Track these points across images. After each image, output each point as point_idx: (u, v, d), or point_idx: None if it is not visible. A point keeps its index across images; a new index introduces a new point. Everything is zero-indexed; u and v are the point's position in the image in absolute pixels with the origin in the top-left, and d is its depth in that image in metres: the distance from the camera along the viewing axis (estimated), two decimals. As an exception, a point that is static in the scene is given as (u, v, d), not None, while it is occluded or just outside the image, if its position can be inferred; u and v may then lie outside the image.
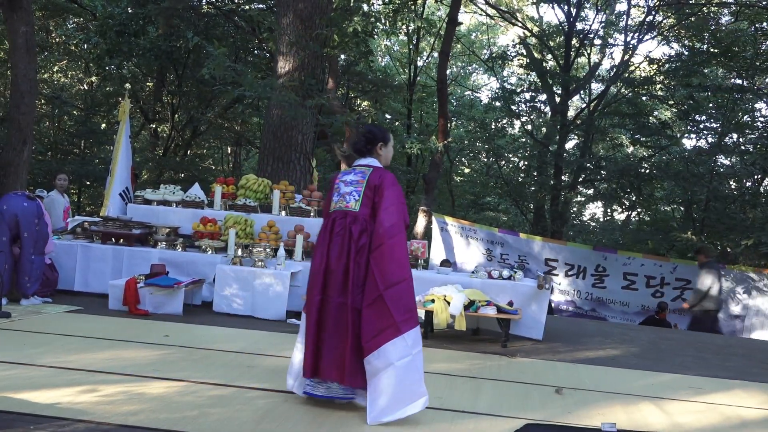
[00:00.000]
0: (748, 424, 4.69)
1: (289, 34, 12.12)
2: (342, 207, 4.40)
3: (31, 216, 7.40)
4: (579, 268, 13.03)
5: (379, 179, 4.37)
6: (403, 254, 4.26)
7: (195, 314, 7.57)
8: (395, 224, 4.26)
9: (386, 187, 4.33)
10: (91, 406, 3.98)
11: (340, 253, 4.28)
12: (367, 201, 4.35)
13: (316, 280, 4.35)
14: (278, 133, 12.13)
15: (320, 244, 4.42)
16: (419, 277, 7.83)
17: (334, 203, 4.48)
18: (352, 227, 4.31)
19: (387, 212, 4.27)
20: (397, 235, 4.25)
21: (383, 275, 4.15)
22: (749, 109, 18.17)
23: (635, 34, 19.19)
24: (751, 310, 12.35)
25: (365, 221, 4.32)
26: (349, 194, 4.41)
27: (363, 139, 4.66)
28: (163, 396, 4.31)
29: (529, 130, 21.71)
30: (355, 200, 4.37)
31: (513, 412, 4.53)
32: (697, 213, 18.03)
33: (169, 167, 18.20)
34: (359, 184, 4.41)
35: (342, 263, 4.27)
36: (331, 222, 4.41)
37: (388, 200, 4.30)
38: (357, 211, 4.33)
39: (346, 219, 4.35)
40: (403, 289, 4.18)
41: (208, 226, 8.66)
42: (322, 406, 4.30)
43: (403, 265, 4.24)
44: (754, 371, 6.85)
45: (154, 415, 3.90)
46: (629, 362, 6.72)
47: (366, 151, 4.63)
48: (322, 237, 4.44)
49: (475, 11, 23.55)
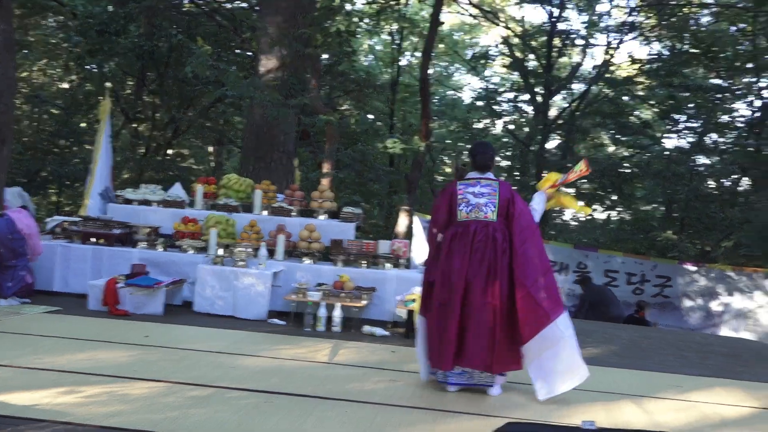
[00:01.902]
0: (728, 423, 4.73)
1: (271, 34, 12.07)
2: (480, 217, 4.98)
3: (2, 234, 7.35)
4: (561, 264, 13.11)
5: (510, 192, 5.08)
6: (541, 251, 5.01)
7: (176, 314, 7.53)
8: (533, 228, 5.06)
9: (518, 199, 5.06)
10: (71, 408, 3.95)
11: (482, 258, 4.89)
12: (502, 211, 4.98)
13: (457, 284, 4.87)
14: (260, 133, 12.07)
15: (459, 251, 4.93)
16: (401, 277, 7.87)
17: (465, 213, 5.02)
18: (496, 234, 4.92)
19: (524, 218, 5.02)
20: (535, 237, 5.03)
21: (527, 272, 4.85)
22: (729, 109, 18.32)
23: (616, 34, 19.31)
24: (730, 308, 12.47)
25: (503, 229, 4.95)
26: (484, 206, 5.00)
27: (491, 154, 5.29)
28: (144, 397, 4.29)
29: (511, 129, 21.77)
30: (492, 211, 4.98)
31: (493, 411, 4.55)
32: (677, 212, 18.17)
33: (150, 167, 18.04)
34: (492, 196, 5.03)
35: (485, 266, 4.87)
36: (471, 231, 4.95)
37: (522, 208, 5.04)
38: (496, 221, 4.96)
39: (488, 228, 4.94)
40: (549, 281, 4.92)
41: (189, 225, 8.62)
42: (303, 406, 4.30)
43: (544, 260, 5.00)
44: (734, 369, 6.91)
45: (135, 416, 3.88)
46: (610, 361, 6.76)
47: (489, 166, 5.23)
48: (459, 244, 4.96)
49: (458, 11, 23.57)
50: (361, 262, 8.18)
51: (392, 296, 7.71)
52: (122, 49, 15.36)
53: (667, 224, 17.51)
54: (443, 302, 4.91)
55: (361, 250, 8.30)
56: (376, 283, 7.84)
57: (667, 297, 12.75)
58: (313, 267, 8.22)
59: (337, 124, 12.74)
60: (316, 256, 8.43)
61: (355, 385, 4.97)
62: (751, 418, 4.94)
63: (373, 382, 5.12)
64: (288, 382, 4.87)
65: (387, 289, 7.84)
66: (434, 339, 4.97)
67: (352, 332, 7.22)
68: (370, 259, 8.23)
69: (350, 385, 4.95)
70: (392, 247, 8.37)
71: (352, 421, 4.12)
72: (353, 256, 8.28)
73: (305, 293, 7.41)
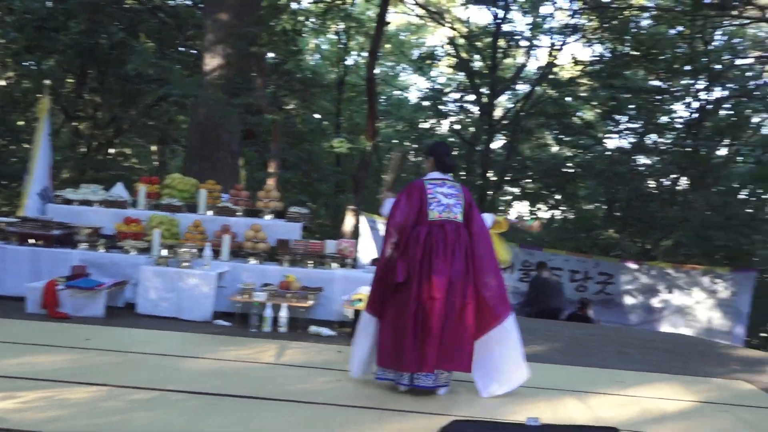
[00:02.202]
0: (668, 417, 4.85)
1: (216, 32, 11.94)
2: (452, 218, 5.03)
3: None
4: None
5: (470, 196, 5.26)
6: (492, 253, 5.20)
7: (118, 317, 7.38)
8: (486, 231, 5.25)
9: (474, 203, 5.25)
10: (8, 414, 3.84)
11: (459, 259, 4.93)
12: (465, 213, 5.12)
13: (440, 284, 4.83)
14: (205, 132, 11.92)
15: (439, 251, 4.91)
16: (348, 277, 7.86)
17: (438, 213, 5.02)
18: (465, 236, 5.03)
19: (480, 221, 5.20)
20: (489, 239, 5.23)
21: (482, 273, 5.02)
22: (668, 110, 18.76)
23: (560, 36, 19.61)
24: (669, 304, 12.79)
25: (467, 231, 5.08)
26: (454, 206, 5.08)
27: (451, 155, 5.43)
28: (85, 401, 4.19)
29: (457, 129, 21.92)
30: (460, 212, 5.08)
31: (439, 409, 4.57)
32: (619, 211, 18.54)
33: (91, 166, 17.66)
34: (458, 197, 5.13)
35: (462, 267, 4.93)
36: (446, 231, 4.97)
37: (477, 211, 5.21)
38: (462, 222, 5.07)
39: (459, 229, 5.02)
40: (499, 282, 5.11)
41: (132, 226, 8.46)
42: (249, 407, 4.27)
43: (495, 262, 5.20)
44: (673, 364, 7.09)
45: (76, 421, 3.80)
46: (553, 358, 6.86)
47: (454, 168, 5.42)
48: (438, 244, 4.93)
49: (404, 11, 23.65)
50: (308, 262, 8.15)
51: (339, 296, 7.69)
52: (62, 46, 15.02)
53: (609, 223, 17.85)
54: (422, 303, 4.82)
55: (307, 250, 8.27)
56: (322, 283, 7.82)
57: (609, 294, 13.04)
58: (258, 267, 8.15)
59: (283, 123, 12.67)
60: (261, 256, 8.36)
61: (301, 386, 4.95)
62: (691, 411, 5.07)
63: (320, 383, 5.10)
64: (233, 384, 4.82)
65: (334, 289, 7.83)
66: (398, 340, 4.82)
67: (298, 332, 7.19)
68: (317, 259, 8.20)
69: (296, 386, 4.92)
70: (339, 247, 8.36)
71: (298, 421, 4.10)
72: (299, 256, 8.24)
73: (251, 294, 7.34)
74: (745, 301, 12.42)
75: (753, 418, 4.97)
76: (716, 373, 6.73)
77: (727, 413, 5.05)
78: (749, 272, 12.69)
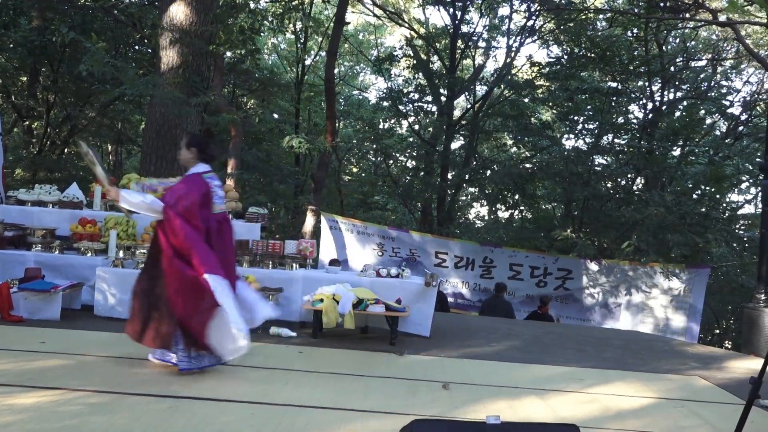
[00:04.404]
0: (626, 413, 4.92)
1: (172, 30, 11.80)
2: (224, 210, 5.36)
3: None
4: (468, 260, 13.41)
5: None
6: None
7: (74, 319, 7.24)
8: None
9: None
10: (-42, 420, 3.75)
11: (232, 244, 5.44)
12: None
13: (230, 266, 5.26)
14: (161, 131, 11.79)
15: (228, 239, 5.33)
16: (308, 277, 7.81)
17: (219, 206, 5.28)
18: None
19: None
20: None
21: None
22: (623, 111, 19.03)
23: (517, 37, 19.78)
24: (627, 302, 12.97)
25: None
26: (221, 198, 5.34)
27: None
28: (38, 406, 4.10)
29: (416, 130, 21.99)
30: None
31: (401, 408, 4.57)
32: (577, 211, 18.75)
33: (45, 166, 17.33)
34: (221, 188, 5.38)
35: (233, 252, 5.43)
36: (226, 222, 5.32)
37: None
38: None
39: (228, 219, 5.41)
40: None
41: (88, 227, 8.31)
42: (207, 410, 4.22)
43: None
44: (629, 361, 7.18)
45: (28, 426, 3.72)
46: (514, 356, 6.91)
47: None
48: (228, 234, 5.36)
49: (362, 11, 23.65)
50: (268, 263, 8.08)
51: (299, 296, 7.64)
52: (12, 43, 14.70)
53: (566, 223, 18.03)
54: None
55: (267, 251, 8.20)
56: (282, 284, 7.76)
57: (568, 290, 13.19)
58: (217, 268, 8.05)
59: (240, 122, 12.57)
60: (220, 257, 8.26)
61: (262, 387, 4.90)
62: (648, 407, 5.14)
63: (282, 383, 5.06)
64: (191, 386, 4.76)
65: (294, 289, 7.77)
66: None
67: (258, 333, 7.11)
68: (277, 260, 8.14)
69: (257, 387, 4.88)
70: (299, 247, 8.31)
71: (258, 422, 4.07)
72: (259, 256, 8.17)
73: (210, 295, 7.25)
74: (699, 298, 12.63)
75: (708, 413, 5.06)
76: (673, 370, 6.85)
77: (684, 408, 5.14)
78: (704, 269, 12.92)
